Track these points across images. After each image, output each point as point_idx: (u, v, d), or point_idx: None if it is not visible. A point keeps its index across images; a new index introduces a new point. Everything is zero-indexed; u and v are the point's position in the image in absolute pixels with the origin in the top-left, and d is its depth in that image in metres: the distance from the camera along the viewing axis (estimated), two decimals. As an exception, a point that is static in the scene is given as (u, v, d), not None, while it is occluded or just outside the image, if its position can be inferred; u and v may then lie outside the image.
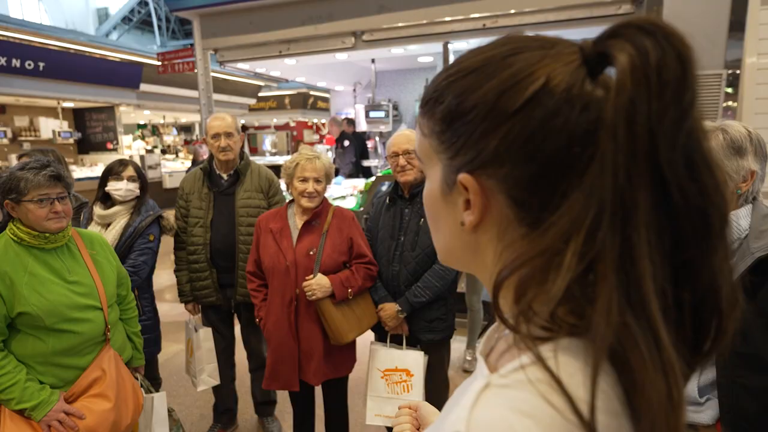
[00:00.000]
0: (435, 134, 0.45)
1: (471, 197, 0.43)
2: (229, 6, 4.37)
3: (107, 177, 2.27)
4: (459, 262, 0.51)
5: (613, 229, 0.35)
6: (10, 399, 1.55)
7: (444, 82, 0.44)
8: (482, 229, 0.44)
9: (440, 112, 0.44)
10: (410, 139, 2.10)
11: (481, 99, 0.40)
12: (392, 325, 2.09)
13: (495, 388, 0.38)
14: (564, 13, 3.38)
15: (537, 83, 0.39)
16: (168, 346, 3.33)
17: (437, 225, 0.50)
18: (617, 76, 0.36)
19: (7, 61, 7.41)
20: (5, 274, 1.56)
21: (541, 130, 0.38)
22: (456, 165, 0.44)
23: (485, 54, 0.42)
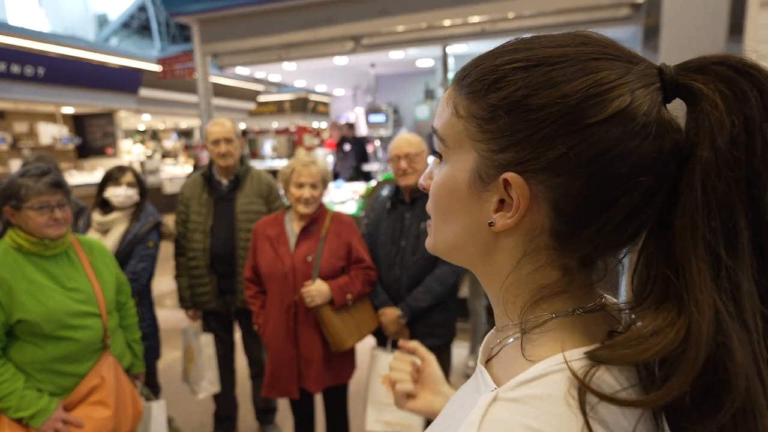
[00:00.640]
0: (476, 119, 0.41)
1: (515, 199, 0.39)
2: (228, 11, 4.38)
3: (106, 183, 2.26)
4: (459, 257, 0.47)
5: (721, 273, 0.34)
6: (8, 407, 1.54)
7: (506, 66, 0.39)
8: (508, 233, 0.42)
9: (495, 98, 0.39)
10: (412, 143, 2.09)
11: (558, 99, 0.36)
12: (393, 330, 2.08)
13: (504, 402, 0.37)
14: (562, 17, 3.39)
15: (622, 99, 0.36)
16: (167, 352, 3.31)
17: (448, 216, 0.45)
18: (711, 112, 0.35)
19: (7, 67, 7.41)
20: (4, 281, 1.55)
21: (612, 149, 0.36)
22: (500, 161, 0.40)
23: (564, 49, 0.38)
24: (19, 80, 7.66)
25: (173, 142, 14.11)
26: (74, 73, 8.38)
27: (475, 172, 0.41)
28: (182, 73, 5.41)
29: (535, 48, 0.39)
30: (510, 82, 0.38)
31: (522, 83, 0.38)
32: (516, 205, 0.39)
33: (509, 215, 0.40)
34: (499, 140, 0.39)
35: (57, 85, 8.24)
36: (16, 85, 7.67)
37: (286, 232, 2.04)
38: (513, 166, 0.39)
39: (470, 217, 0.43)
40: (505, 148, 0.39)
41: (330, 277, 2.00)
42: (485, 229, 0.42)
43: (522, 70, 0.38)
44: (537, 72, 0.38)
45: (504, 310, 0.45)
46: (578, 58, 0.37)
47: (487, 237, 0.43)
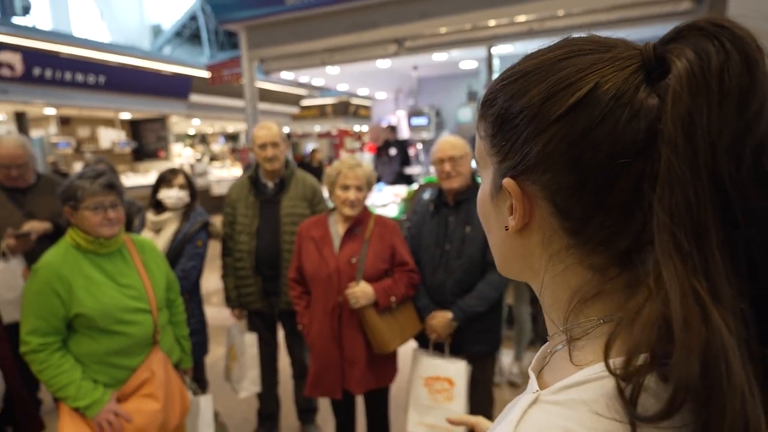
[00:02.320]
0: (488, 137, 0.45)
1: (513, 202, 0.43)
2: (274, 17, 4.49)
3: (159, 185, 2.36)
4: (512, 269, 0.49)
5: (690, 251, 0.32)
6: (67, 396, 1.62)
7: (498, 85, 0.44)
8: (527, 235, 0.44)
9: (492, 115, 0.44)
10: (455, 146, 2.06)
11: (527, 104, 0.40)
12: (444, 334, 2.03)
13: (543, 404, 0.37)
14: (616, 13, 3.24)
15: (583, 89, 0.37)
16: (214, 349, 3.40)
17: (488, 227, 0.50)
18: (673, 85, 0.34)
19: (72, 76, 7.94)
20: (64, 277, 1.63)
21: (584, 138, 0.37)
22: (503, 169, 0.43)
23: (539, 58, 0.42)
24: (83, 88, 8.19)
25: (220, 145, 14.64)
26: (131, 81, 8.87)
27: (492, 184, 0.46)
28: (230, 79, 5.59)
29: (519, 64, 0.43)
30: (498, 98, 0.43)
31: (504, 97, 0.42)
32: (516, 207, 0.42)
33: (513, 217, 0.43)
34: (500, 151, 0.43)
35: (116, 93, 8.75)
36: (79, 93, 8.21)
37: (331, 233, 2.05)
38: (509, 171, 0.42)
39: (498, 225, 0.47)
40: (504, 157, 0.43)
41: (374, 279, 1.99)
42: (509, 234, 0.45)
43: (506, 86, 0.43)
44: (515, 85, 0.42)
45: (549, 316, 0.46)
46: (547, 64, 0.40)
47: (515, 242, 0.45)
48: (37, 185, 2.67)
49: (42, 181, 2.71)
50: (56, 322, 1.62)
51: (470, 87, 7.47)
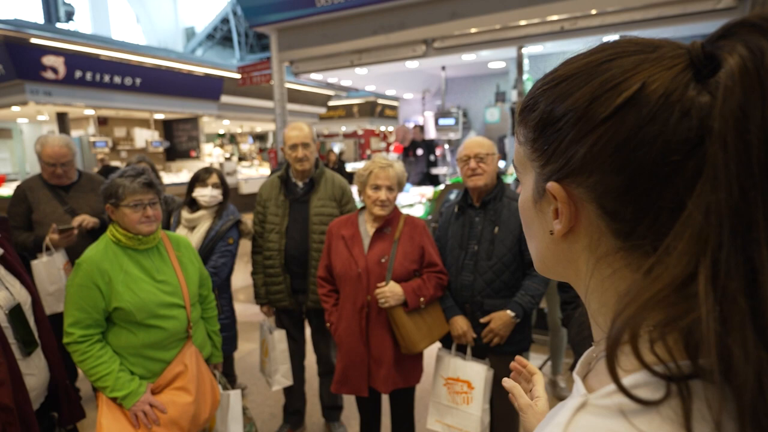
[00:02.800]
0: (529, 142, 0.45)
1: (559, 206, 0.42)
2: (304, 20, 4.55)
3: (194, 183, 2.42)
4: (553, 272, 0.49)
5: (735, 249, 0.32)
6: (105, 387, 1.68)
7: (539, 90, 0.44)
8: (573, 239, 0.44)
9: (533, 119, 0.44)
10: (481, 144, 2.05)
11: (571, 106, 0.40)
12: (505, 334, 2.02)
13: (592, 408, 0.37)
14: (653, 11, 3.15)
15: (630, 89, 0.37)
16: (241, 345, 3.48)
17: (530, 233, 0.50)
18: (724, 81, 0.33)
19: (111, 78, 8.25)
20: (105, 272, 1.70)
21: (632, 138, 0.37)
22: (546, 173, 0.43)
23: (581, 61, 0.42)
24: (120, 90, 8.50)
25: (249, 145, 14.91)
26: (165, 83, 9.14)
27: (534, 189, 0.46)
28: (259, 80, 5.70)
29: (560, 68, 0.43)
30: (540, 102, 0.43)
31: (546, 101, 0.42)
32: (562, 211, 0.42)
33: (559, 221, 0.43)
34: (542, 156, 0.43)
35: (150, 94, 9.03)
36: (117, 95, 8.52)
37: (360, 233, 2.07)
38: (553, 174, 0.42)
39: (541, 230, 0.47)
40: (547, 161, 0.43)
41: (403, 279, 2.00)
42: (553, 239, 0.45)
43: (547, 91, 0.43)
44: (558, 88, 0.42)
45: (595, 320, 0.45)
46: (591, 66, 0.40)
47: (559, 246, 0.45)
48: (79, 182, 2.79)
49: (83, 178, 2.83)
50: (97, 315, 1.68)
51: (498, 87, 7.39)
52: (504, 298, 2.04)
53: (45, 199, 2.68)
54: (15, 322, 1.45)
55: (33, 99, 7.40)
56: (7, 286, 1.49)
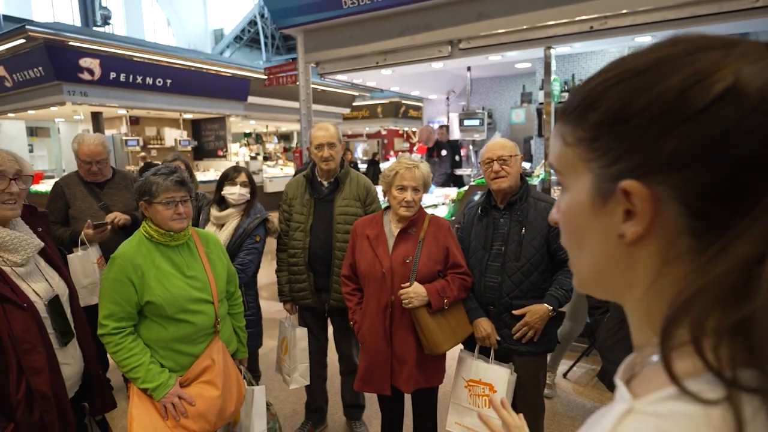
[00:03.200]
0: (584, 142, 0.43)
1: (638, 205, 0.39)
2: (330, 21, 4.58)
3: (223, 182, 2.47)
4: (601, 282, 0.46)
5: None
6: (137, 378, 1.73)
7: (600, 87, 0.42)
8: (643, 242, 0.41)
9: (595, 117, 0.42)
10: (504, 146, 2.04)
11: (655, 99, 0.37)
12: (540, 327, 2.01)
13: (640, 415, 0.35)
14: (686, 10, 3.06)
15: (726, 80, 0.35)
16: (264, 341, 3.53)
17: (580, 241, 0.46)
18: None
19: (143, 79, 8.50)
20: (138, 266, 1.75)
21: (730, 131, 0.35)
22: (614, 172, 0.40)
23: (654, 55, 0.40)
24: (151, 90, 8.75)
25: (274, 145, 15.12)
26: (195, 83, 9.36)
27: (594, 190, 0.43)
28: (286, 81, 5.77)
29: (626, 62, 0.41)
30: (604, 99, 0.41)
31: (617, 96, 0.40)
32: (641, 211, 0.39)
33: (636, 222, 0.40)
34: (607, 155, 0.41)
35: (180, 94, 9.27)
36: (148, 95, 8.77)
37: (385, 233, 2.08)
38: (628, 173, 0.39)
39: (599, 235, 0.44)
40: (617, 159, 0.40)
41: (427, 280, 2.00)
42: (617, 244, 0.42)
43: (615, 86, 0.40)
44: (630, 83, 0.39)
45: (648, 326, 0.42)
46: (671, 58, 0.38)
47: (621, 252, 0.42)
48: (113, 180, 2.89)
49: (117, 176, 2.92)
50: (130, 308, 1.74)
51: (524, 88, 7.29)
52: (532, 299, 2.02)
53: (81, 196, 2.78)
54: (53, 313, 1.51)
55: (70, 99, 7.69)
56: (47, 278, 1.56)
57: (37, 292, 1.48)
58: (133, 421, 1.71)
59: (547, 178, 3.96)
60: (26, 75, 7.85)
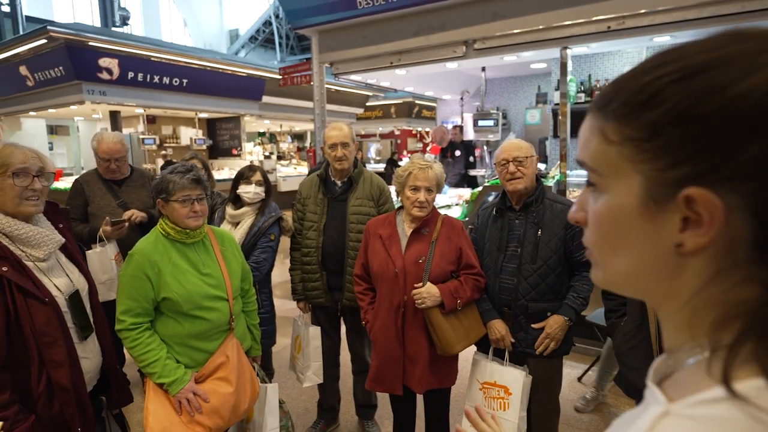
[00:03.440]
0: (633, 141, 0.40)
1: (704, 215, 0.36)
2: (345, 22, 4.60)
3: (239, 181, 2.50)
4: (635, 287, 0.44)
5: None
6: (153, 373, 1.76)
7: (658, 82, 0.38)
8: (699, 252, 0.38)
9: (654, 115, 0.38)
10: (520, 147, 2.03)
11: (735, 99, 0.34)
12: (561, 337, 2.01)
13: (676, 419, 0.35)
14: (708, 9, 3.00)
15: None
16: (278, 339, 3.55)
17: (616, 245, 0.43)
18: None
19: (160, 79, 8.62)
20: (155, 263, 1.77)
21: None
22: (675, 177, 0.37)
23: (720, 51, 0.36)
24: (168, 90, 8.87)
25: (288, 144, 15.21)
26: (210, 83, 9.47)
27: (645, 195, 0.39)
28: (300, 81, 5.81)
29: (689, 56, 0.37)
30: (668, 96, 0.37)
31: (684, 94, 0.36)
32: (708, 221, 0.36)
33: (701, 233, 0.37)
34: (668, 156, 0.37)
35: (196, 94, 9.37)
36: (165, 94, 8.89)
37: (398, 232, 2.08)
38: (693, 179, 0.36)
39: (647, 242, 0.41)
40: (678, 162, 0.37)
41: (440, 280, 1.99)
42: (667, 252, 0.39)
43: (679, 82, 0.37)
44: (699, 79, 0.36)
45: (687, 332, 0.41)
46: (743, 56, 0.35)
47: (670, 260, 0.40)
48: (131, 178, 2.93)
49: (135, 174, 2.97)
50: (146, 304, 1.76)
51: (539, 88, 7.23)
52: (548, 301, 2.00)
53: (100, 193, 2.83)
54: (74, 308, 1.54)
55: (89, 98, 7.83)
56: (68, 273, 1.59)
57: (58, 286, 1.51)
58: (149, 416, 1.73)
59: (562, 179, 3.92)
60: (47, 74, 8.02)
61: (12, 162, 1.43)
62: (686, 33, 3.31)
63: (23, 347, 1.38)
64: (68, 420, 1.46)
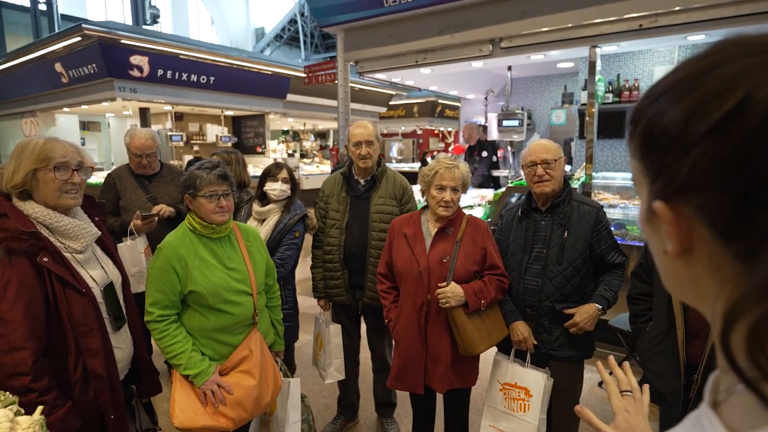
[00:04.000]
0: (639, 156, 0.44)
1: (666, 225, 0.40)
2: (371, 20, 4.60)
3: (265, 178, 2.53)
4: (679, 291, 0.46)
5: None
6: (179, 364, 1.80)
7: (643, 104, 0.42)
8: (691, 260, 0.40)
9: (639, 135, 0.42)
10: (548, 149, 2.00)
11: (670, 122, 0.38)
12: (591, 327, 1.99)
13: None
14: (746, 6, 2.90)
15: (731, 101, 0.34)
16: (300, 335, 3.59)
17: (651, 249, 0.47)
18: None
19: (188, 76, 8.80)
20: (182, 257, 1.82)
21: (739, 154, 0.34)
22: (655, 191, 0.41)
23: (685, 70, 0.39)
24: (195, 87, 9.04)
25: (311, 142, 15.34)
26: (236, 81, 9.61)
27: (647, 205, 0.43)
28: (325, 79, 5.84)
29: (665, 78, 0.41)
30: (643, 116, 0.41)
31: (648, 116, 0.40)
32: (667, 231, 0.40)
33: (670, 240, 0.40)
34: (651, 172, 0.41)
35: (222, 92, 9.53)
36: (192, 92, 9.07)
37: (423, 232, 2.08)
38: (660, 193, 0.40)
39: (656, 249, 0.45)
40: (655, 178, 0.41)
41: (464, 280, 1.99)
42: (670, 259, 0.42)
43: (650, 105, 0.41)
44: (658, 103, 0.40)
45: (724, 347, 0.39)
46: (692, 76, 0.38)
47: (678, 267, 0.42)
48: (161, 173, 3.01)
49: (165, 169, 3.05)
50: (174, 297, 1.81)
51: (566, 88, 7.11)
52: (573, 303, 1.98)
53: (131, 188, 2.91)
54: (108, 299, 1.59)
55: (120, 95, 8.05)
56: (103, 266, 1.64)
57: (94, 278, 1.56)
58: (175, 406, 1.78)
59: (588, 181, 3.85)
60: (81, 72, 8.28)
61: (53, 156, 1.48)
62: (721, 31, 3.21)
63: (62, 336, 1.44)
64: (102, 407, 1.51)
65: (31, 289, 1.38)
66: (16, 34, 14.93)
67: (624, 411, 0.82)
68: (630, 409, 0.82)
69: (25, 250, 1.38)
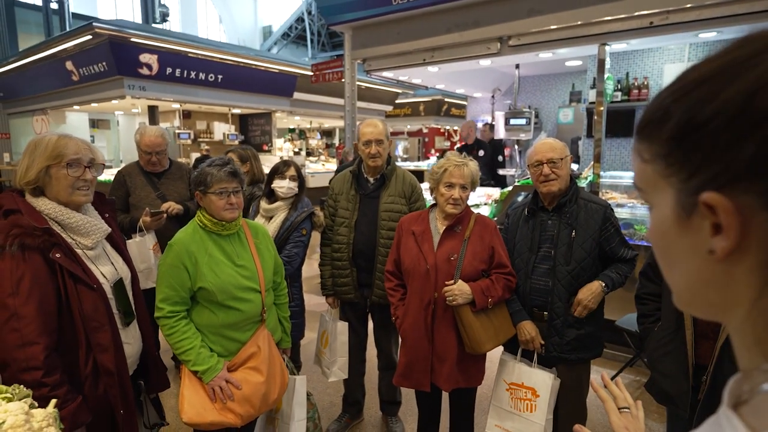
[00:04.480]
0: (660, 158, 0.42)
1: (722, 219, 0.37)
2: (379, 18, 4.60)
3: (273, 176, 2.54)
4: (699, 301, 0.44)
5: None
6: (188, 360, 1.81)
7: (668, 99, 0.41)
8: (737, 257, 0.38)
9: (667, 131, 0.41)
10: (554, 148, 1.99)
11: (722, 105, 0.36)
12: (594, 305, 1.96)
13: None
14: (759, 3, 2.87)
15: None
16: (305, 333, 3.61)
17: (671, 260, 0.44)
18: None
19: (196, 74, 8.85)
20: (192, 253, 1.83)
21: None
22: (694, 185, 0.39)
23: (718, 62, 0.38)
24: (203, 85, 9.09)
25: (317, 141, 15.36)
26: (243, 79, 9.65)
27: (677, 206, 0.41)
28: (332, 78, 5.85)
29: (689, 74, 0.40)
30: (674, 111, 0.40)
31: (684, 107, 0.39)
32: (727, 224, 0.37)
33: (725, 236, 0.38)
34: (684, 168, 0.40)
35: (230, 90, 9.58)
36: (200, 90, 9.12)
37: (431, 229, 2.08)
38: (707, 184, 0.38)
39: (688, 252, 0.42)
40: (693, 172, 0.39)
41: (471, 278, 1.98)
42: (708, 261, 0.40)
43: (681, 98, 0.39)
44: (696, 93, 0.38)
45: (757, 348, 0.39)
46: (736, 63, 0.37)
47: (715, 269, 0.40)
48: (170, 170, 3.03)
49: (173, 166, 3.07)
50: (183, 293, 1.82)
51: (574, 87, 7.07)
52: None
53: (141, 185, 2.93)
54: (118, 295, 1.61)
55: (130, 93, 8.11)
56: (112, 262, 1.65)
57: (104, 274, 1.58)
58: (184, 401, 1.79)
59: (596, 180, 3.83)
60: (91, 70, 8.35)
61: (66, 153, 1.50)
62: (734, 28, 3.17)
63: (72, 331, 1.45)
64: (111, 401, 1.52)
65: (44, 285, 1.39)
66: (28, 33, 15.08)
67: (624, 429, 0.82)
68: (629, 426, 0.83)
69: (38, 246, 1.39)
